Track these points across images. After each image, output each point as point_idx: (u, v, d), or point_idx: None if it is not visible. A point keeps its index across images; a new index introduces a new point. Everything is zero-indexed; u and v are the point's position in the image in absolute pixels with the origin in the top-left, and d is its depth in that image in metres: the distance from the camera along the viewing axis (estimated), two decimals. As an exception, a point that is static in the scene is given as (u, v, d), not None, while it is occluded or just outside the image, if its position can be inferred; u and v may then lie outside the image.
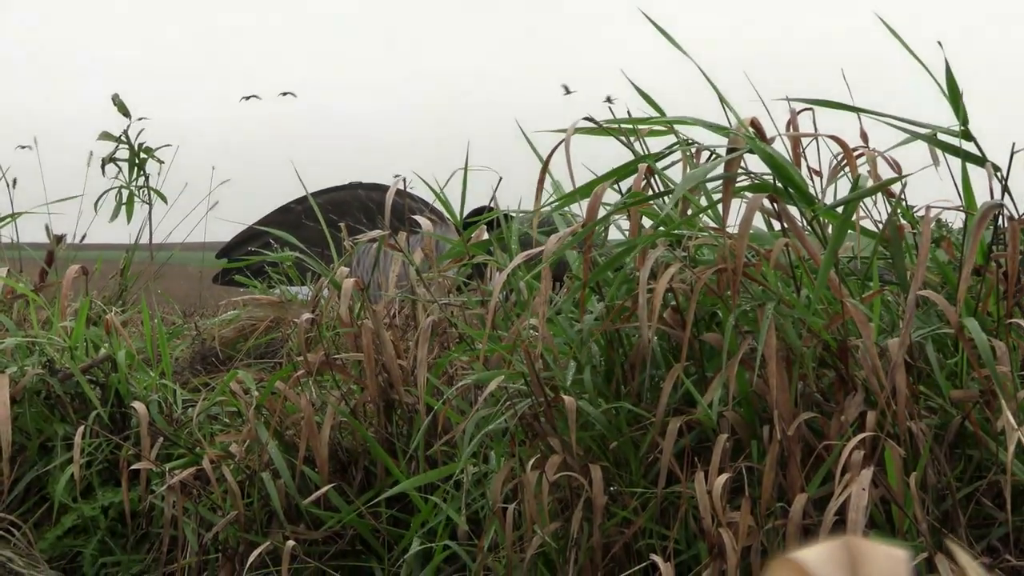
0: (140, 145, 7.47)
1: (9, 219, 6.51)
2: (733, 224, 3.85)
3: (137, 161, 7.45)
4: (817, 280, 3.71)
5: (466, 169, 4.94)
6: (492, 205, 5.22)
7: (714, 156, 4.01)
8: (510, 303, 4.58)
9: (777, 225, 3.96)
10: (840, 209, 3.83)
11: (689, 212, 4.04)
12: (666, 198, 4.02)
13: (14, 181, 6.85)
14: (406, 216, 6.07)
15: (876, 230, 4.05)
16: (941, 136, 3.97)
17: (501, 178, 5.17)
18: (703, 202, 4.09)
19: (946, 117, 3.98)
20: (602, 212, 3.98)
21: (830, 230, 3.95)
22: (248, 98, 10.98)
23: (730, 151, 3.88)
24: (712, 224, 4.05)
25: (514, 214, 4.78)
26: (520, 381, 4.10)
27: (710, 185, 4.03)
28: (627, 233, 4.06)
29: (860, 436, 3.55)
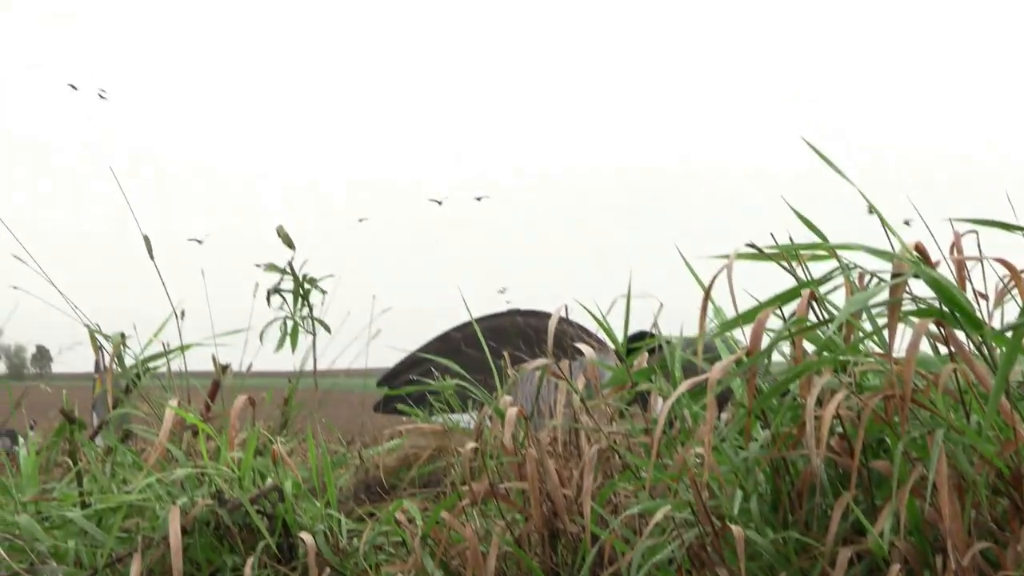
0: (304, 276, 7.59)
1: (179, 351, 6.63)
2: (899, 349, 3.82)
3: (301, 292, 7.56)
4: (988, 406, 3.66)
5: (628, 296, 4.96)
6: (653, 331, 5.22)
7: (877, 281, 3.98)
8: (674, 430, 4.56)
9: (944, 350, 3.92)
10: (1010, 333, 3.78)
11: (853, 337, 4.01)
12: (830, 324, 3.99)
13: (183, 313, 6.98)
14: (566, 343, 6.10)
15: (1047, 353, 3.98)
16: (1112, 257, 3.91)
17: (662, 304, 5.17)
18: (867, 326, 4.06)
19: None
20: (765, 338, 3.97)
21: (999, 354, 3.89)
22: (439, 203, 11.28)
23: (894, 276, 3.85)
24: (877, 349, 4.01)
25: (675, 340, 4.78)
26: (686, 510, 4.08)
27: (874, 310, 4.00)
28: (791, 358, 4.04)
29: (1038, 566, 3.48)
